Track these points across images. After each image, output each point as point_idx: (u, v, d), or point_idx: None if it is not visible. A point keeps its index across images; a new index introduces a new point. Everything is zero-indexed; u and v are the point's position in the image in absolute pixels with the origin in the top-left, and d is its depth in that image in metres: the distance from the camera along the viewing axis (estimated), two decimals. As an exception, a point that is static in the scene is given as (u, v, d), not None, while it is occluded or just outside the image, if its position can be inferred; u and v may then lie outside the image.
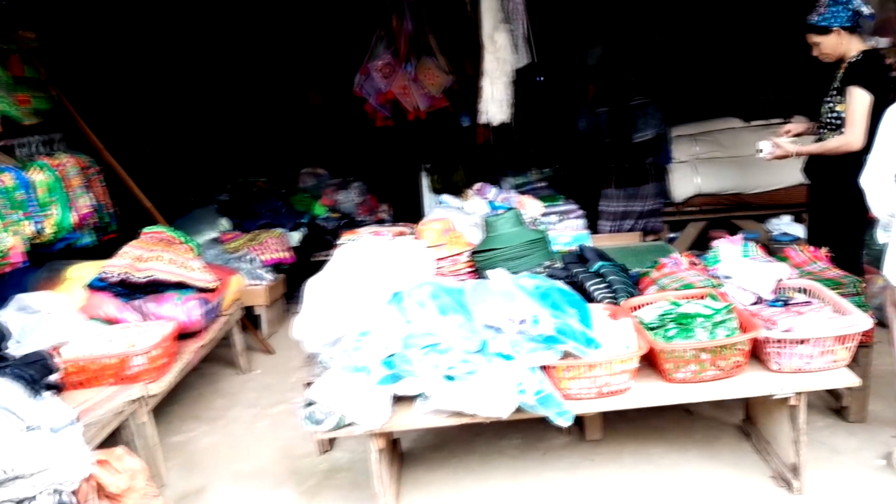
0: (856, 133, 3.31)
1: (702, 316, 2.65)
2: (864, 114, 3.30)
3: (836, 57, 3.48)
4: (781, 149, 3.62)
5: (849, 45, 3.42)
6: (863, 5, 3.39)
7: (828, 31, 3.41)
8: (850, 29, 3.40)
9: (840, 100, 3.44)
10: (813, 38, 3.49)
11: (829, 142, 3.47)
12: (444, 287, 2.76)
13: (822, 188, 3.63)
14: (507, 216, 3.49)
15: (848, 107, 3.36)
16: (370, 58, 4.26)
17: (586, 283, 3.05)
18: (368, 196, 6.00)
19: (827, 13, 3.40)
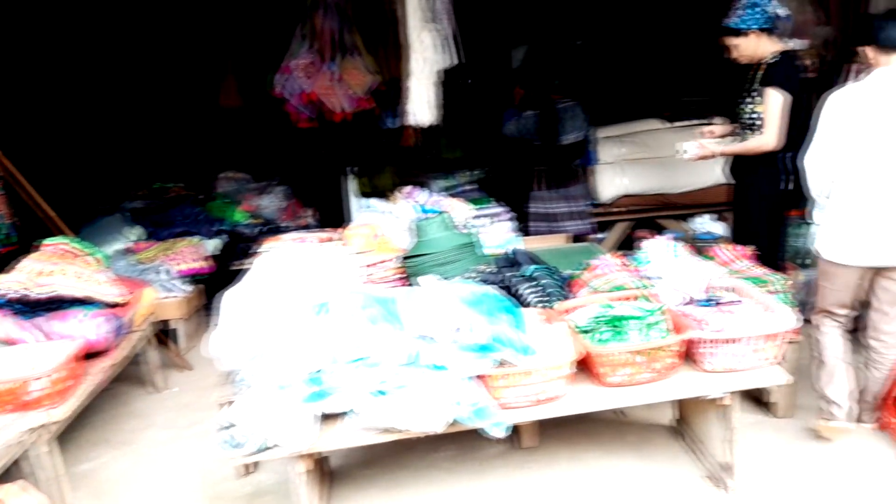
0: (772, 133, 3.40)
1: (635, 318, 2.62)
2: (781, 114, 3.39)
3: (753, 59, 3.55)
4: (705, 149, 3.70)
5: (765, 46, 3.49)
6: (779, 7, 3.47)
7: (745, 33, 3.47)
8: (767, 31, 3.47)
9: (758, 101, 3.51)
10: (730, 41, 3.55)
11: (748, 142, 3.56)
12: (373, 296, 2.62)
13: (744, 188, 3.71)
14: (436, 220, 3.39)
15: (765, 107, 3.43)
16: (291, 56, 4.07)
17: (519, 288, 2.98)
18: (292, 201, 5.78)
19: (744, 15, 3.46)
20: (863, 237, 2.79)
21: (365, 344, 2.35)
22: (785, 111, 3.38)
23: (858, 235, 2.80)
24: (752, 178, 3.65)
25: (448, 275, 3.24)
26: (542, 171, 5.00)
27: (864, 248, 2.80)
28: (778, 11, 3.44)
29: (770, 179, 3.57)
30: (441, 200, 4.75)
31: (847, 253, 2.84)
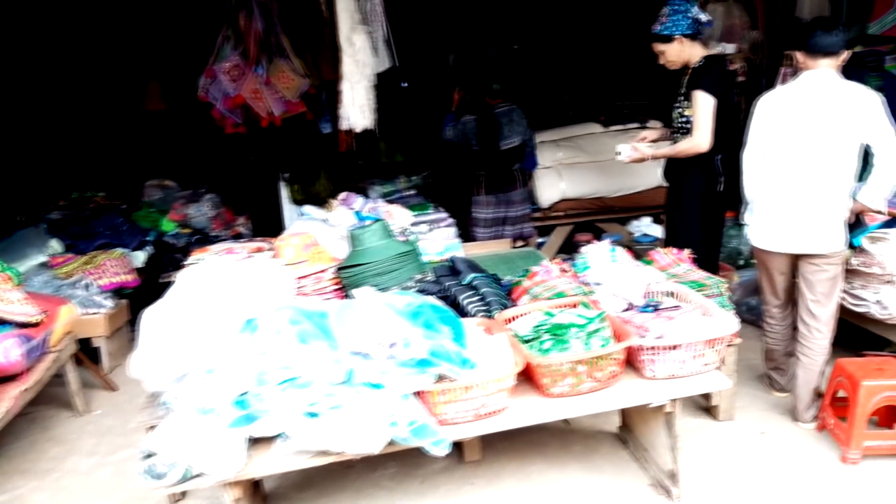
0: (702, 135, 3.47)
1: (576, 326, 2.57)
2: (710, 116, 3.46)
3: (681, 64, 3.63)
4: (639, 152, 3.77)
5: (691, 51, 3.58)
6: (701, 13, 3.55)
7: (670, 39, 3.55)
8: (692, 36, 3.56)
9: (687, 104, 3.59)
10: (657, 47, 3.63)
11: (679, 144, 3.62)
12: (304, 311, 2.48)
13: (678, 190, 3.75)
14: (373, 228, 3.27)
15: (694, 110, 3.51)
16: (216, 59, 3.88)
17: (459, 297, 2.89)
18: (223, 209, 5.54)
19: (668, 22, 3.54)
20: (788, 227, 3.03)
21: (294, 363, 2.21)
22: (713, 113, 3.44)
23: (784, 225, 3.04)
24: (686, 181, 3.70)
25: (386, 285, 3.13)
26: (483, 176, 4.95)
27: (788, 237, 3.04)
28: (700, 17, 3.53)
29: (704, 181, 3.63)
30: (379, 207, 4.64)
31: (774, 240, 3.09)
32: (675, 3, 3.55)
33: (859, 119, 2.87)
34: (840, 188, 2.96)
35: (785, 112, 2.96)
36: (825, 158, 2.92)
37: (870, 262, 3.20)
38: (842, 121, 2.88)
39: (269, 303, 2.64)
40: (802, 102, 2.93)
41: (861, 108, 2.88)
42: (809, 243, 3.00)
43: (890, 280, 3.12)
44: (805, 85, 2.94)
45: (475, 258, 4.46)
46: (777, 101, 3.01)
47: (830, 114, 2.88)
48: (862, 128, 2.88)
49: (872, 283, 3.21)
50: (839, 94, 2.90)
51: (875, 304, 3.20)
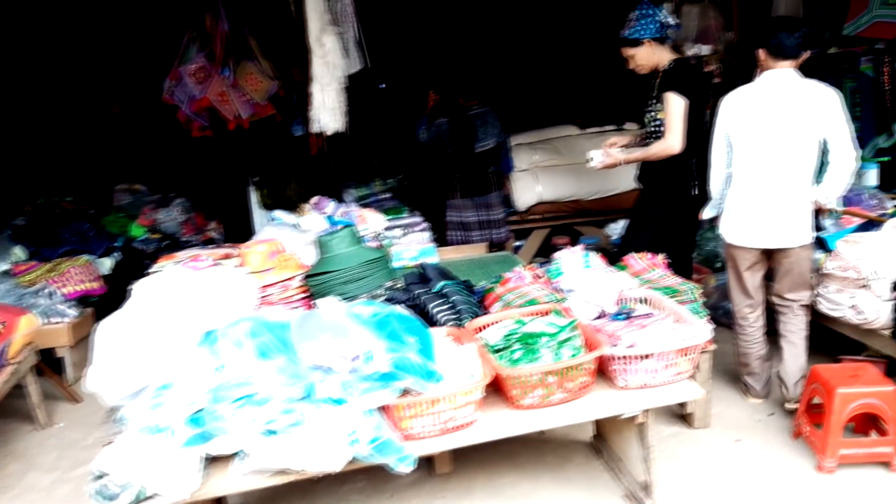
0: (675, 136, 3.46)
1: (546, 335, 2.50)
2: (681, 117, 3.45)
3: (651, 67, 3.63)
4: (611, 157, 3.75)
5: (660, 55, 3.58)
6: (669, 17, 3.56)
7: (639, 42, 3.56)
8: (660, 40, 3.56)
9: (660, 107, 3.57)
10: (627, 51, 3.63)
11: (652, 147, 3.61)
12: (265, 322, 2.39)
13: (651, 193, 3.73)
14: (341, 234, 3.18)
15: (666, 112, 3.50)
16: (182, 61, 3.77)
17: (429, 306, 2.81)
18: (194, 214, 5.43)
19: (637, 26, 3.55)
20: (759, 222, 3.11)
21: (252, 379, 2.12)
22: (685, 114, 3.43)
23: (755, 221, 3.11)
24: (660, 184, 3.67)
25: (355, 293, 3.04)
26: (457, 179, 4.89)
27: (760, 232, 3.13)
28: (668, 20, 3.53)
29: (678, 185, 3.61)
30: (352, 211, 4.55)
31: (746, 236, 3.17)
32: (643, 7, 3.55)
33: (819, 116, 2.99)
34: (804, 183, 3.09)
35: (749, 110, 3.06)
36: (790, 155, 3.03)
37: (845, 266, 3.17)
38: (803, 118, 2.99)
39: (230, 314, 2.56)
40: (766, 101, 3.03)
41: (820, 106, 3.00)
42: (780, 238, 3.11)
43: (865, 284, 3.09)
44: (767, 84, 3.05)
45: (450, 263, 4.40)
46: (741, 99, 3.10)
47: (792, 111, 3.00)
48: (821, 124, 3.00)
49: (848, 288, 3.17)
50: (800, 93, 3.01)
51: (850, 309, 3.17)
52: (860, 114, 4.12)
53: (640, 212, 3.79)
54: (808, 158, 3.05)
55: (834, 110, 3.00)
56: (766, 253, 3.21)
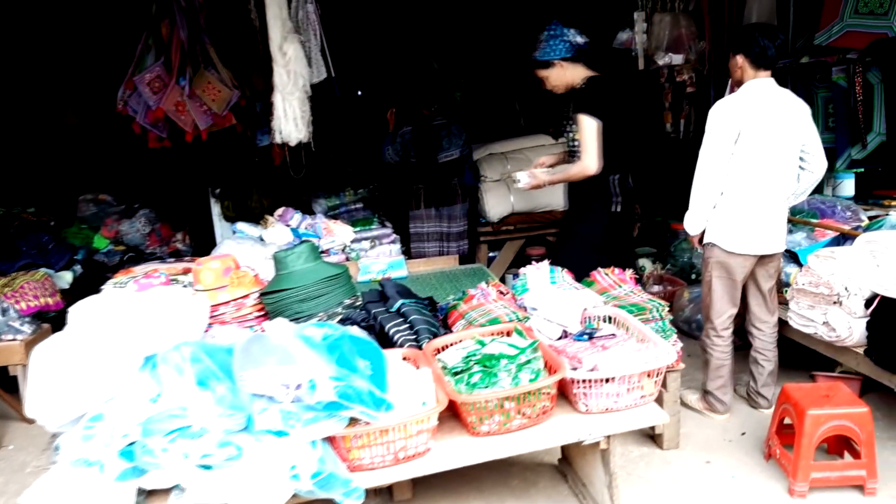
0: (589, 158, 3.40)
1: (506, 357, 2.40)
2: (594, 138, 3.39)
3: (566, 87, 3.59)
4: (536, 179, 3.71)
5: (573, 74, 3.53)
6: (577, 35, 3.50)
7: (550, 64, 3.52)
8: (572, 59, 3.51)
9: (576, 128, 3.52)
10: (539, 73, 3.59)
11: (570, 169, 3.59)
12: (207, 347, 2.27)
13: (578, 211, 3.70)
14: (298, 251, 3.06)
15: (580, 134, 3.44)
16: (136, 70, 3.64)
17: (386, 326, 2.70)
18: (159, 225, 5.28)
19: (546, 47, 3.50)
20: (757, 229, 3.11)
21: (187, 410, 2.00)
22: (598, 135, 3.37)
23: (754, 228, 3.10)
24: (582, 202, 3.63)
25: (311, 312, 2.94)
26: (421, 190, 4.85)
27: (758, 239, 3.12)
28: (578, 39, 3.48)
29: (600, 203, 3.57)
30: (318, 223, 4.45)
31: (747, 244, 3.12)
32: (550, 28, 3.50)
33: (799, 124, 3.09)
34: (790, 189, 3.20)
35: (744, 120, 3.02)
36: (780, 162, 3.08)
37: (816, 282, 3.10)
38: (788, 126, 3.06)
39: (175, 336, 2.44)
40: (757, 111, 3.02)
41: (800, 115, 3.10)
42: (774, 243, 3.17)
43: (837, 301, 3.01)
44: (755, 93, 3.06)
45: (420, 276, 4.30)
46: (735, 109, 3.05)
47: (779, 120, 3.04)
48: (801, 133, 3.10)
49: (820, 304, 3.10)
50: (782, 102, 3.08)
51: (822, 326, 3.09)
52: (833, 125, 4.06)
53: (565, 229, 3.77)
54: (794, 166, 3.15)
55: (809, 119, 3.14)
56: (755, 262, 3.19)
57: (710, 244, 3.20)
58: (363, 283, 4.18)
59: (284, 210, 4.41)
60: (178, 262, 3.98)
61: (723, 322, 3.25)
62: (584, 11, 6.37)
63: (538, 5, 5.71)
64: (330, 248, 4.34)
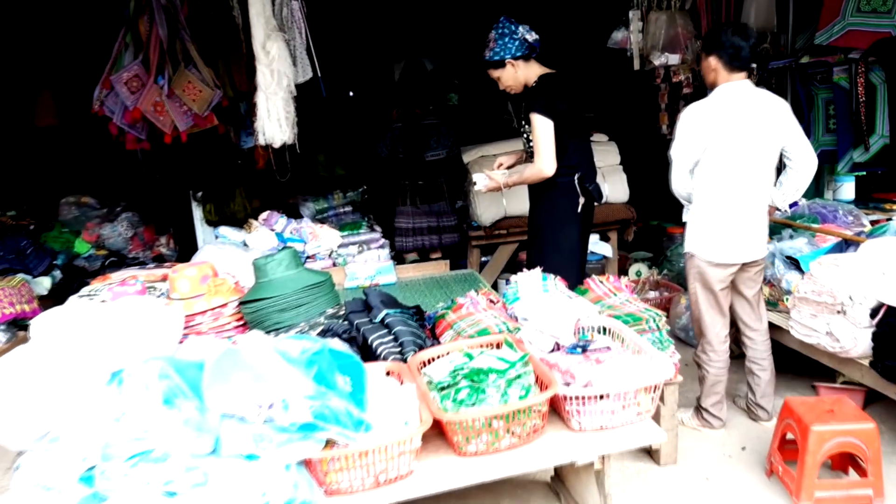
0: (543, 160, 3.28)
1: (495, 371, 2.26)
2: (548, 139, 3.26)
3: (521, 87, 3.45)
4: (493, 181, 3.56)
5: (527, 73, 3.40)
6: (528, 32, 3.35)
7: (502, 64, 3.38)
8: (525, 57, 3.37)
9: (530, 128, 3.38)
10: (492, 74, 3.46)
11: (525, 171, 3.44)
12: (177, 363, 2.13)
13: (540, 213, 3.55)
14: (278, 258, 2.93)
15: (533, 134, 3.31)
16: (113, 69, 3.50)
17: (370, 338, 2.57)
18: (142, 228, 5.14)
19: (497, 47, 3.36)
20: (737, 237, 3.02)
21: (151, 432, 1.86)
22: (551, 134, 3.25)
23: (734, 236, 3.02)
24: (544, 205, 3.50)
25: (292, 322, 2.81)
26: (408, 187, 4.93)
27: (739, 247, 3.04)
28: (527, 37, 3.34)
29: (564, 203, 3.44)
30: (303, 227, 4.32)
31: (728, 253, 3.04)
32: (499, 26, 3.36)
33: (778, 125, 2.98)
34: (768, 193, 3.10)
35: (718, 125, 2.93)
36: (758, 167, 2.98)
37: (819, 291, 2.97)
38: (765, 129, 2.95)
39: (146, 349, 2.31)
40: (731, 114, 2.93)
41: (778, 115, 2.99)
42: (754, 250, 3.08)
43: (841, 310, 2.89)
44: (729, 96, 2.95)
45: (410, 282, 4.16)
46: (707, 114, 2.96)
47: (756, 123, 2.94)
48: (781, 133, 2.99)
49: (823, 313, 2.98)
50: (759, 104, 2.97)
51: (826, 336, 2.97)
52: (834, 126, 3.94)
53: (537, 237, 3.61)
54: (771, 169, 3.06)
55: (790, 117, 3.03)
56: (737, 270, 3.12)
57: (689, 254, 3.15)
58: (350, 290, 4.06)
59: (269, 214, 4.28)
60: (157, 267, 3.84)
61: (717, 335, 3.13)
62: (577, 10, 6.30)
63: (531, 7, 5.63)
64: (316, 254, 4.21)
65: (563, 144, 3.31)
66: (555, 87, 3.32)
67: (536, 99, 3.29)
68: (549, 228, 3.47)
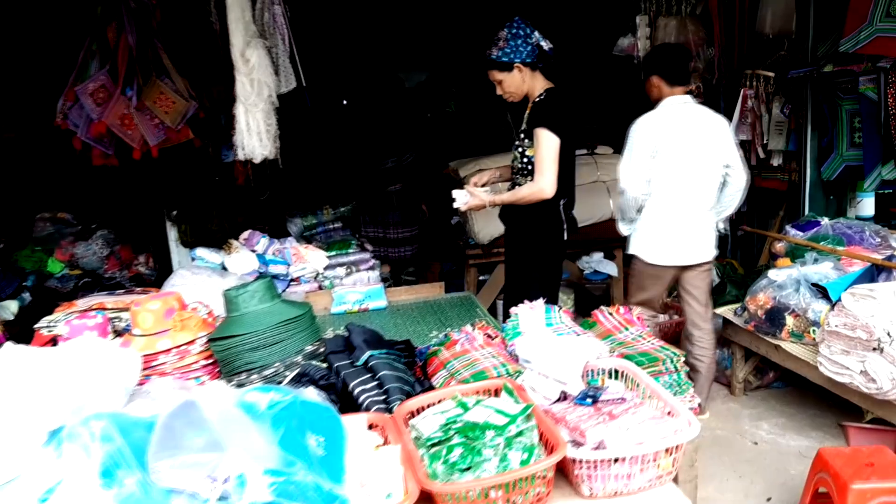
0: (546, 179, 3.00)
1: (492, 427, 1.97)
2: (554, 158, 2.99)
3: (521, 96, 3.19)
4: (476, 198, 3.22)
5: (532, 82, 3.14)
6: (543, 40, 3.06)
7: (509, 67, 3.08)
8: (532, 65, 3.09)
9: (529, 143, 3.10)
10: (495, 76, 3.16)
11: (521, 189, 3.14)
12: (124, 421, 1.83)
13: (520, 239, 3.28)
14: (252, 288, 2.63)
15: (536, 150, 3.02)
16: (78, 79, 3.22)
17: (351, 384, 2.27)
18: (119, 247, 4.85)
19: (507, 48, 3.06)
20: (679, 242, 3.34)
21: (81, 515, 1.57)
22: (558, 154, 2.99)
23: (676, 240, 3.34)
24: (527, 230, 3.22)
25: (265, 362, 2.51)
26: None
27: (681, 251, 3.37)
28: (542, 44, 3.05)
29: (549, 230, 3.18)
30: (287, 248, 4.02)
31: (669, 255, 3.37)
32: (514, 26, 3.06)
33: (719, 139, 3.30)
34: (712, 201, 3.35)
35: (664, 135, 3.25)
36: (697, 175, 3.27)
37: (853, 325, 2.68)
38: (708, 140, 3.27)
39: (93, 401, 2.01)
40: (676, 125, 3.26)
41: (719, 129, 3.32)
42: (696, 254, 3.38)
43: (877, 347, 2.60)
44: (673, 109, 3.29)
45: (402, 306, 3.87)
46: (655, 125, 3.28)
47: (699, 134, 3.26)
48: (721, 147, 3.30)
49: (856, 349, 2.69)
50: (701, 117, 3.31)
51: (860, 375, 2.68)
52: (860, 140, 3.65)
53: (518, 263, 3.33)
54: (714, 178, 3.31)
55: (727, 133, 3.35)
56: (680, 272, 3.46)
57: (632, 255, 3.47)
58: (337, 315, 3.77)
59: (251, 233, 3.99)
60: (128, 293, 3.55)
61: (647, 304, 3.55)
62: (581, 14, 6.03)
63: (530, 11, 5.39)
64: (301, 276, 3.92)
65: (560, 167, 3.05)
66: (563, 104, 3.07)
67: (547, 113, 3.02)
68: (532, 256, 3.21)
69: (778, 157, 4.12)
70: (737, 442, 3.17)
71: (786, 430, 3.25)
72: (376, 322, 3.64)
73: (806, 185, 4.04)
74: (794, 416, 3.36)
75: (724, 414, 3.41)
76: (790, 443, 3.12)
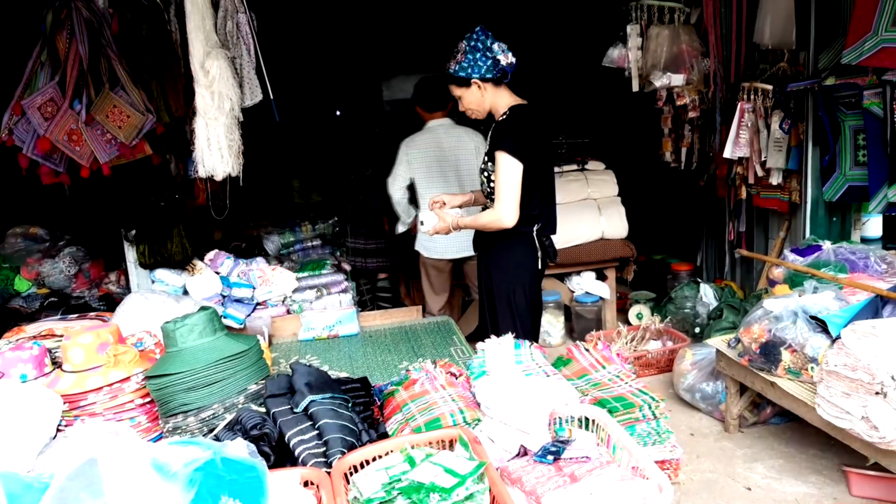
0: (505, 207, 2.74)
1: (438, 490, 1.74)
2: (514, 184, 2.73)
3: (485, 113, 2.93)
4: (443, 221, 2.98)
5: (495, 99, 2.86)
6: (503, 53, 2.78)
7: (466, 82, 2.82)
8: (494, 81, 2.82)
9: (491, 167, 2.83)
10: (454, 91, 2.91)
11: (481, 216, 2.89)
12: (16, 485, 1.62)
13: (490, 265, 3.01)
14: (191, 322, 2.41)
15: (496, 176, 2.77)
16: (26, 91, 3.02)
17: (287, 433, 2.05)
18: (88, 264, 4.65)
19: (464, 61, 2.79)
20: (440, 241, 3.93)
21: None
22: (519, 179, 2.73)
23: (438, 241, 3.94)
24: (499, 257, 2.96)
25: (203, 403, 2.30)
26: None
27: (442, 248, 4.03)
28: (500, 58, 2.76)
29: (521, 259, 2.93)
30: (252, 269, 3.80)
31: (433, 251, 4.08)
32: (472, 38, 2.79)
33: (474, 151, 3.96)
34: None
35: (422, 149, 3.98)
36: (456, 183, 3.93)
37: (854, 365, 2.43)
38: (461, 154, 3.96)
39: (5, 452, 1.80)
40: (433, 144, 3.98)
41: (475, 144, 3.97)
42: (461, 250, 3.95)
43: (881, 391, 2.34)
44: (435, 130, 4.01)
45: (376, 332, 3.64)
46: (418, 144, 4.00)
47: (453, 151, 3.97)
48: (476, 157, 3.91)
49: (857, 392, 2.43)
50: (457, 136, 4.00)
51: (861, 421, 2.42)
52: (864, 159, 3.39)
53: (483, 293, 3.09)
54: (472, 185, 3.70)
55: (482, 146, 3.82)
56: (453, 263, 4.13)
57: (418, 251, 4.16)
58: (305, 342, 3.55)
59: (216, 254, 3.78)
60: (81, 318, 3.34)
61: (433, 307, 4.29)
62: (568, 24, 5.82)
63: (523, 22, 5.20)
64: (267, 300, 3.70)
65: (530, 191, 2.80)
66: (528, 123, 2.80)
67: (506, 135, 2.75)
68: (502, 288, 2.95)
69: (777, 174, 3.86)
70: (728, 487, 2.90)
71: (783, 473, 2.97)
72: (345, 350, 3.42)
73: (807, 206, 3.77)
74: (792, 457, 3.09)
75: (716, 454, 3.13)
76: (786, 489, 2.85)
